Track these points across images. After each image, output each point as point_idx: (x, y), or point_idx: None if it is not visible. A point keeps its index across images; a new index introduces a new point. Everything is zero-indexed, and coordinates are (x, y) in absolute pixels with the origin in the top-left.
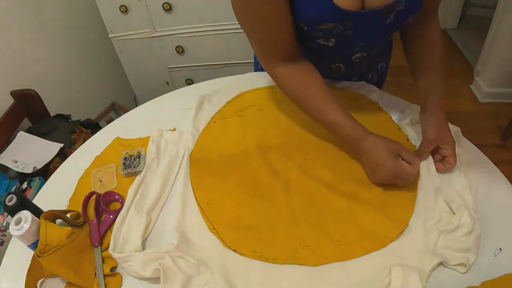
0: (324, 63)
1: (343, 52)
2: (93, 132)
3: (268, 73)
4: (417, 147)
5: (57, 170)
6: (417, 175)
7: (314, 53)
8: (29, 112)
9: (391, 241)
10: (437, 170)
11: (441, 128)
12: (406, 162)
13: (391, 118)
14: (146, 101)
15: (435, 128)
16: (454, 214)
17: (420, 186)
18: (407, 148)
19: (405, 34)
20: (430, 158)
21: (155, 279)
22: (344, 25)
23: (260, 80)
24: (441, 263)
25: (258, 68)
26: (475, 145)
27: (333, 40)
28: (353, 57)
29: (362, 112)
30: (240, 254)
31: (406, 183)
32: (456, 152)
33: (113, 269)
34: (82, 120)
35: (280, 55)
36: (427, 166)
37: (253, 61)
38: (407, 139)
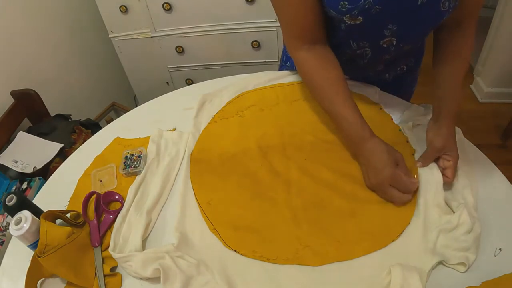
0: (351, 46)
1: (372, 34)
2: (93, 132)
3: (292, 57)
4: (415, 153)
5: (57, 170)
6: (415, 192)
7: (342, 35)
8: (29, 112)
9: (392, 242)
10: None
11: (449, 139)
12: None
13: (392, 119)
14: (146, 101)
15: (444, 138)
16: (454, 213)
17: (421, 186)
18: (404, 161)
19: (437, 41)
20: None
21: (155, 279)
22: None
23: (261, 80)
24: (440, 263)
25: (282, 67)
26: (475, 145)
27: (361, 18)
28: (381, 41)
29: (362, 112)
30: (241, 254)
31: (402, 197)
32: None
33: (113, 269)
34: (82, 120)
35: (304, 38)
36: (430, 167)
37: (253, 61)
38: (407, 141)
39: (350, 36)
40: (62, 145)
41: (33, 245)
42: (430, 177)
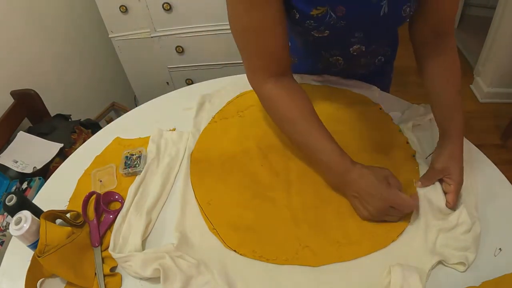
0: (323, 55)
1: (340, 43)
2: (93, 132)
3: (257, 92)
4: (416, 154)
5: (57, 170)
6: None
7: (312, 45)
8: (29, 112)
9: (392, 242)
10: None
11: (451, 161)
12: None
13: (391, 119)
14: (146, 101)
15: (445, 159)
16: (453, 211)
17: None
18: (394, 176)
19: (421, 60)
20: (429, 161)
21: (155, 279)
22: (335, 11)
23: None
24: (440, 262)
25: None
26: (475, 145)
27: (328, 32)
28: (350, 49)
29: (362, 113)
30: (241, 254)
31: (399, 214)
32: None
33: (113, 269)
34: (82, 120)
35: (271, 70)
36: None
37: None
38: (407, 142)
39: (319, 46)
40: (62, 145)
41: (33, 245)
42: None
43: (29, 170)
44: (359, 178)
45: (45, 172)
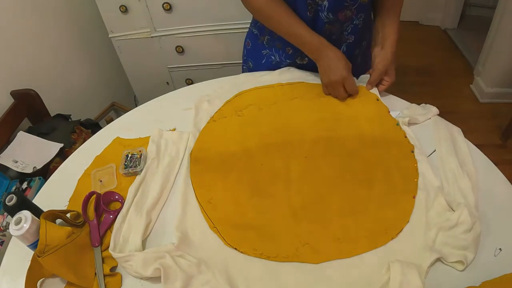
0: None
1: None
2: (93, 132)
3: (248, 5)
4: (414, 150)
5: (57, 170)
6: (354, 92)
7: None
8: (29, 112)
9: (391, 239)
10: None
11: (391, 62)
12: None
13: (389, 111)
14: (146, 101)
15: (388, 62)
16: (454, 211)
17: (421, 184)
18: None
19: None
20: (429, 159)
21: (155, 279)
22: None
23: (259, 79)
24: (439, 259)
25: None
26: (475, 145)
27: None
28: None
29: (359, 106)
30: (241, 252)
31: (345, 96)
32: (455, 153)
33: (113, 269)
34: (82, 120)
35: None
36: (430, 166)
37: None
38: (405, 136)
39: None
40: (62, 145)
41: (33, 245)
42: (431, 177)
43: (29, 170)
44: (331, 56)
45: (45, 172)
